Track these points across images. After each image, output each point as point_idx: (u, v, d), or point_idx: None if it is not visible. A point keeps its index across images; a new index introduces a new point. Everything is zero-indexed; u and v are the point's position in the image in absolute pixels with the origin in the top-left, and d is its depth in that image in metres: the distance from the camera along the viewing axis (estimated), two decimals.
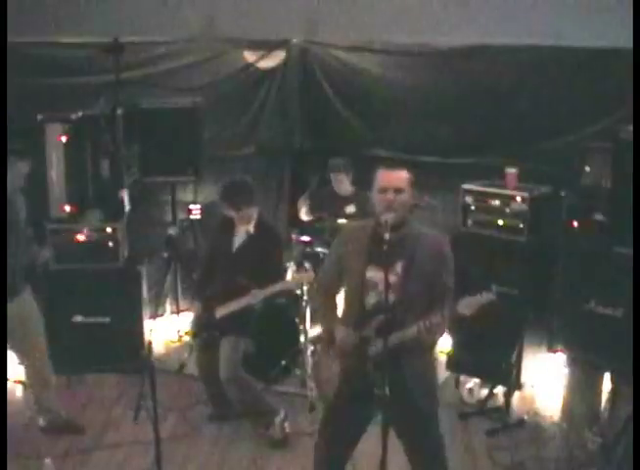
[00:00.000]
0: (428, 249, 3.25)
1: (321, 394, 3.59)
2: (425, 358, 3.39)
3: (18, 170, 4.28)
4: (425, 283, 3.23)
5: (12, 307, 4.31)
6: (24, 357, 4.58)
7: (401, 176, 3.28)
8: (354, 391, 3.31)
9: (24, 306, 4.46)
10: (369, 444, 3.50)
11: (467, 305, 3.15)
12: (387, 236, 3.10)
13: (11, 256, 4.22)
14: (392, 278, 3.19)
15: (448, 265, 3.30)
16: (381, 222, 3.22)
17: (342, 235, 3.57)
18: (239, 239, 4.70)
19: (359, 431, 3.45)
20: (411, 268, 3.21)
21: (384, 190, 3.24)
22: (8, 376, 4.80)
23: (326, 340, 3.51)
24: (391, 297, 3.18)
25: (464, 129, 5.81)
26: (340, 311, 3.55)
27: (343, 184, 5.76)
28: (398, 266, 3.22)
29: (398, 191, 3.23)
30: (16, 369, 4.89)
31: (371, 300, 3.31)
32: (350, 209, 5.67)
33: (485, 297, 3.15)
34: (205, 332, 4.67)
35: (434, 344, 3.43)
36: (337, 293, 3.59)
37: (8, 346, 4.47)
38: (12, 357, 4.68)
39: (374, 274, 3.27)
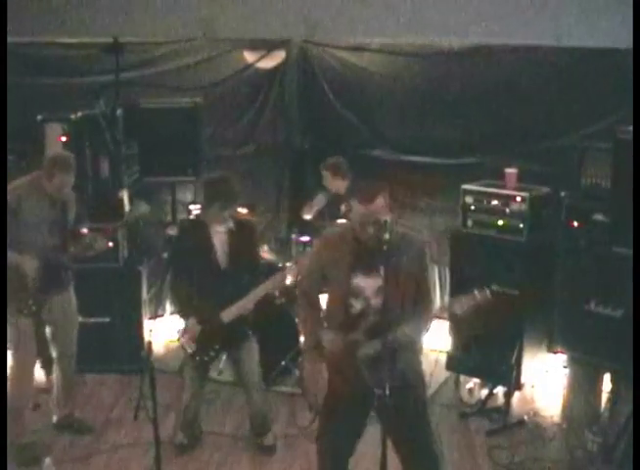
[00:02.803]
0: (410, 250, 3.25)
1: (310, 402, 3.50)
2: (415, 352, 3.41)
3: (69, 167, 4.30)
4: (409, 284, 3.25)
5: (55, 300, 4.46)
6: (59, 349, 4.63)
7: (378, 206, 3.17)
8: (345, 394, 3.31)
9: (68, 301, 4.59)
10: (368, 444, 3.51)
11: (459, 305, 3.15)
12: (386, 236, 3.09)
13: (61, 252, 4.38)
14: (378, 282, 3.20)
15: (425, 266, 3.33)
16: (366, 234, 3.19)
17: (322, 241, 3.52)
18: (219, 239, 4.41)
19: (356, 433, 3.44)
20: (396, 271, 3.18)
21: (363, 224, 3.19)
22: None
23: (311, 345, 3.45)
24: (378, 301, 3.21)
25: (464, 129, 5.81)
26: (322, 316, 3.51)
27: (334, 185, 5.69)
28: (382, 270, 3.19)
29: (377, 222, 3.16)
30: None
31: (357, 305, 3.29)
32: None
33: (480, 296, 3.14)
34: (209, 347, 4.40)
35: (420, 341, 3.45)
36: (318, 298, 3.55)
37: (48, 336, 4.57)
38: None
39: (359, 280, 3.26)
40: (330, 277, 3.36)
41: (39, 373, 5.00)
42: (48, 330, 4.56)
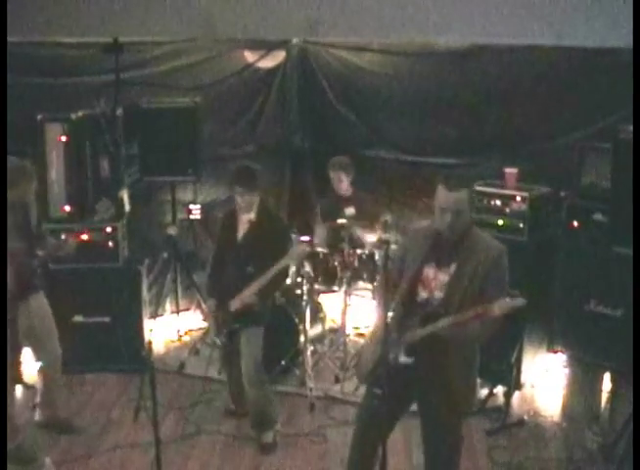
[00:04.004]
0: (484, 255, 3.33)
1: (358, 375, 3.75)
2: (459, 354, 3.42)
3: (31, 174, 4.35)
4: (474, 287, 3.31)
5: (31, 304, 4.45)
6: (40, 353, 4.61)
7: (459, 198, 3.31)
8: (387, 375, 3.30)
9: (42, 304, 4.56)
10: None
11: (500, 306, 3.17)
12: (444, 236, 3.30)
13: (29, 256, 4.36)
14: (445, 277, 3.35)
15: (503, 275, 3.38)
16: (440, 229, 3.35)
17: (408, 235, 3.73)
18: (242, 229, 4.60)
19: (392, 417, 3.48)
20: (464, 270, 3.31)
21: (442, 210, 3.32)
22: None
23: (376, 327, 3.59)
24: (440, 294, 3.35)
25: (464, 129, 5.81)
26: (394, 303, 3.62)
27: (343, 183, 5.75)
28: (452, 267, 3.34)
29: (456, 212, 3.29)
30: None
31: (423, 295, 3.42)
32: (350, 210, 5.66)
33: (519, 301, 3.19)
34: (225, 327, 4.57)
35: (472, 339, 3.43)
36: (396, 287, 3.59)
37: (26, 342, 4.55)
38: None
39: (429, 272, 3.40)
40: (407, 266, 3.50)
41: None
42: (27, 339, 4.49)
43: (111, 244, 5.36)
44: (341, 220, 5.50)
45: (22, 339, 4.48)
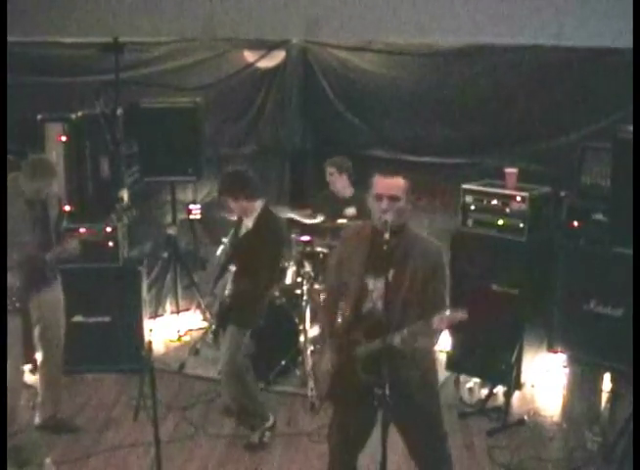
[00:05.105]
0: (422, 256, 3.23)
1: (318, 392, 3.64)
2: (420, 361, 3.34)
3: (50, 171, 4.38)
4: (416, 291, 3.21)
5: (43, 296, 4.48)
6: (46, 350, 4.61)
7: (397, 184, 3.24)
8: (347, 391, 3.32)
9: (54, 297, 4.59)
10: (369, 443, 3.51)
11: (440, 321, 3.10)
12: (386, 236, 3.08)
13: (43, 250, 4.36)
14: (383, 285, 3.18)
15: (441, 276, 3.29)
16: (378, 226, 3.21)
17: (342, 239, 3.58)
18: (242, 234, 4.59)
19: (365, 430, 3.43)
20: (403, 276, 3.19)
21: (379, 197, 3.22)
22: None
23: (322, 340, 3.55)
24: (382, 303, 3.19)
25: (464, 129, 5.81)
26: (339, 314, 3.49)
27: (338, 182, 5.73)
28: (390, 274, 3.18)
29: (394, 198, 3.20)
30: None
31: (366, 305, 3.30)
32: (351, 210, 5.66)
33: (458, 315, 3.08)
34: (220, 323, 4.60)
35: (425, 349, 3.36)
36: (338, 296, 3.49)
37: (35, 333, 4.57)
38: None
39: (369, 281, 3.28)
40: (346, 273, 3.38)
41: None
42: (36, 330, 4.56)
43: (111, 244, 5.36)
44: (341, 220, 5.50)
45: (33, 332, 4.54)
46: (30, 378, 5.11)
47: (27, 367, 5.03)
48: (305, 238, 5.62)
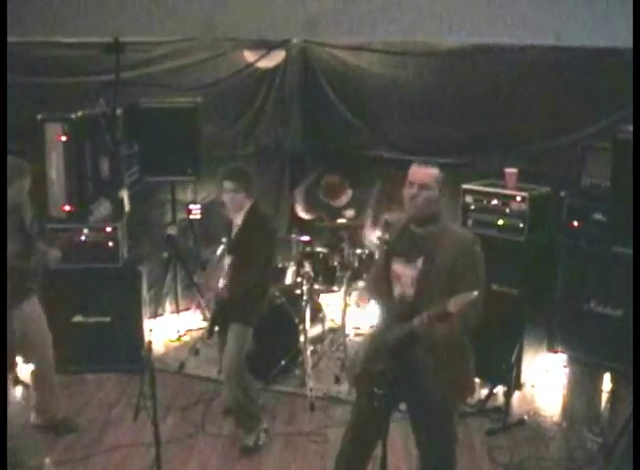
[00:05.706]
0: (453, 246, 3.25)
1: (348, 377, 3.82)
2: (440, 352, 3.32)
3: (25, 172, 4.27)
4: (446, 279, 3.21)
5: (23, 308, 4.33)
6: (33, 357, 4.58)
7: (429, 172, 3.33)
8: (374, 377, 3.28)
9: (34, 307, 4.48)
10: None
11: (455, 303, 3.06)
12: (412, 227, 3.20)
13: (21, 257, 4.20)
14: (413, 272, 3.26)
15: (476, 265, 3.29)
16: (408, 213, 3.30)
17: (388, 225, 3.64)
18: (234, 233, 4.61)
19: (376, 427, 3.36)
20: (432, 264, 3.23)
21: (410, 184, 3.30)
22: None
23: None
24: (411, 290, 3.26)
25: (464, 129, 5.81)
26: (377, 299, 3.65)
27: (339, 200, 5.75)
28: (420, 261, 3.26)
29: (423, 186, 3.27)
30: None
31: (396, 291, 3.36)
32: (350, 212, 5.67)
33: (471, 295, 3.03)
34: (218, 321, 4.62)
35: (445, 335, 3.27)
36: (383, 281, 3.50)
37: (17, 346, 4.43)
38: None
39: (397, 266, 3.34)
40: (382, 260, 3.45)
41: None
42: (20, 340, 4.35)
43: (111, 244, 5.36)
44: (341, 220, 5.50)
45: (15, 345, 4.32)
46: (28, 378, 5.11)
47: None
48: (305, 238, 5.63)
